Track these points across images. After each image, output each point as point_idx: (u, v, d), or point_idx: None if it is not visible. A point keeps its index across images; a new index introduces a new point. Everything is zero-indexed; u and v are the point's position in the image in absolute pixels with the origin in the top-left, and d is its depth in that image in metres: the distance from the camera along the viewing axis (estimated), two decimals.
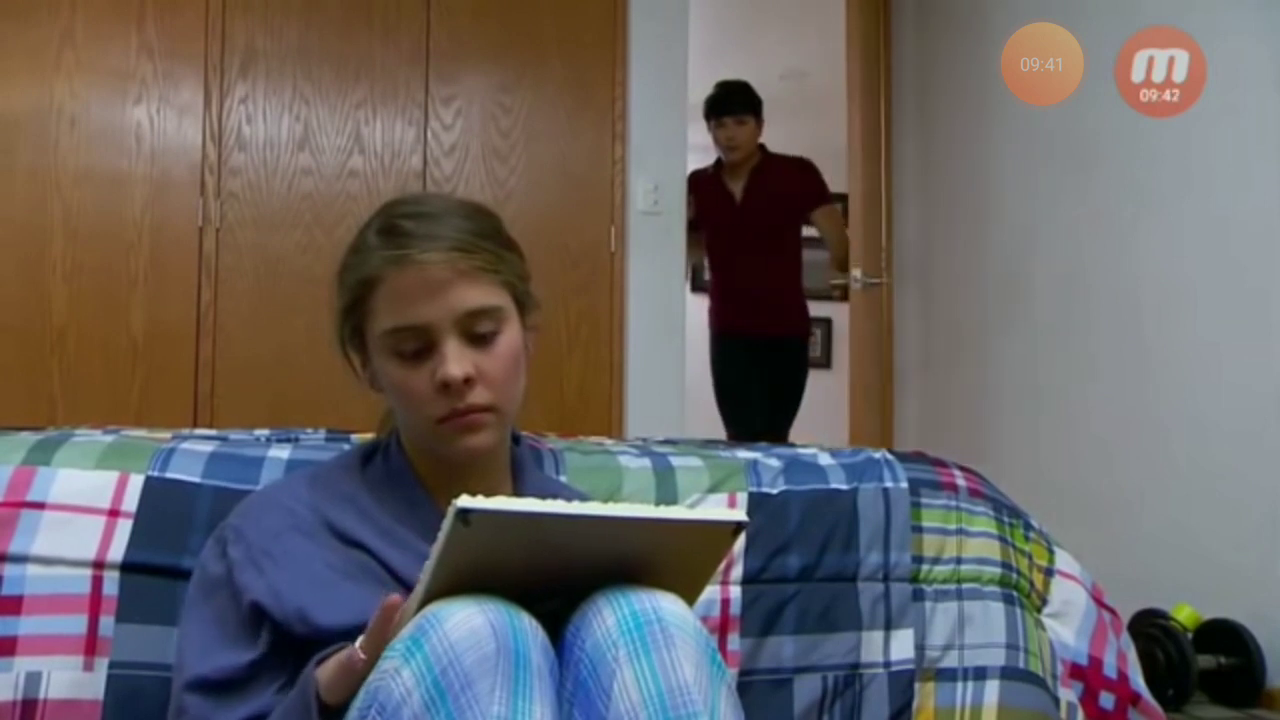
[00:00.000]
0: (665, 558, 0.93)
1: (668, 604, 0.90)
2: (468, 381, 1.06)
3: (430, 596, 0.87)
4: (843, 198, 3.73)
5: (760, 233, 3.56)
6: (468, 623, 0.84)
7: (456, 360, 1.06)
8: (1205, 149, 2.54)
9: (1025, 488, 2.16)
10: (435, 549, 0.86)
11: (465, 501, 0.83)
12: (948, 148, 3.53)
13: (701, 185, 3.64)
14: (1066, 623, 1.54)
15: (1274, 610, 2.34)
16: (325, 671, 0.92)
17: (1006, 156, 3.25)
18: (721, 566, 1.28)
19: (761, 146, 3.63)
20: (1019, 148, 3.19)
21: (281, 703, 0.95)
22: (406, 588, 1.02)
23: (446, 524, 0.84)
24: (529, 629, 0.86)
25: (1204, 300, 2.56)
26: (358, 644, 0.90)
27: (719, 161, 3.67)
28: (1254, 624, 2.36)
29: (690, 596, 0.95)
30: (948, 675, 1.44)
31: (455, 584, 0.87)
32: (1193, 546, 2.53)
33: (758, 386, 3.58)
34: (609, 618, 0.88)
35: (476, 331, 1.08)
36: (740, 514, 0.94)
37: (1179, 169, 2.61)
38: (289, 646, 1.01)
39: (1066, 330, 2.97)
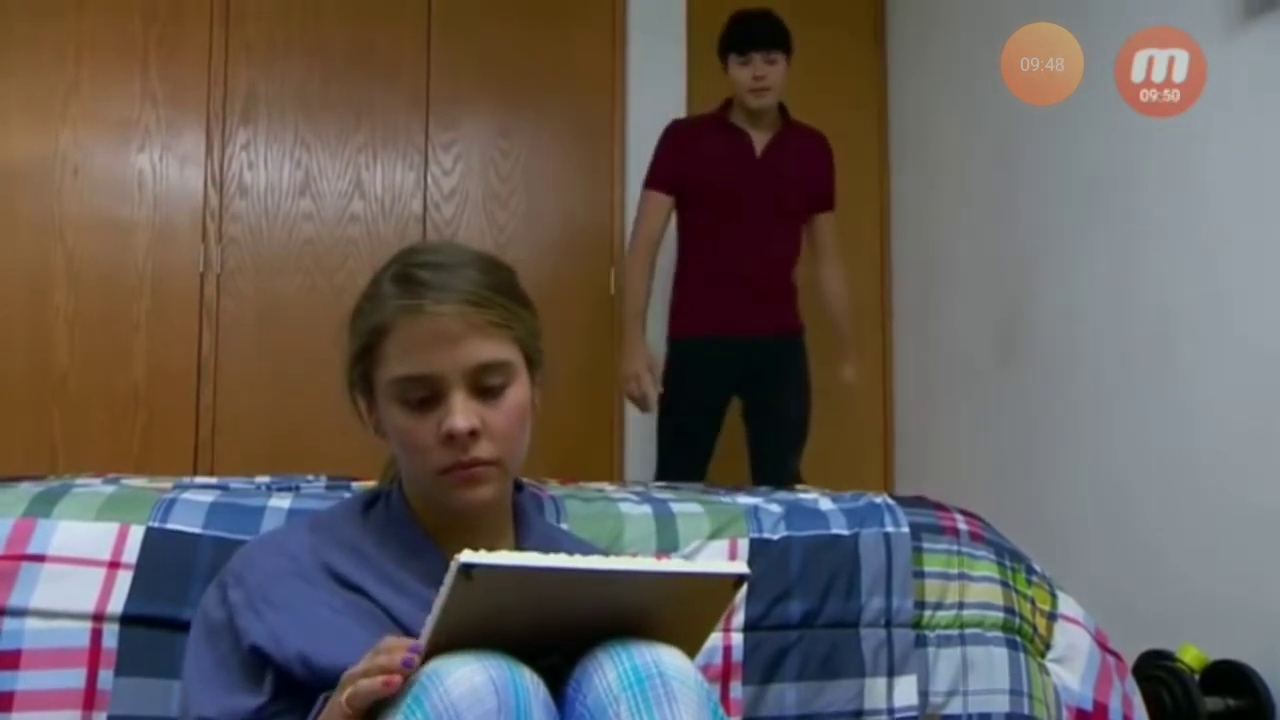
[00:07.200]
0: (667, 610, 0.93)
1: (669, 657, 0.90)
2: (473, 434, 1.06)
3: (432, 651, 0.87)
4: None
5: (778, 202, 2.82)
6: (469, 680, 0.83)
7: (463, 412, 1.06)
8: (1209, 174, 2.54)
9: (1025, 526, 2.15)
10: (437, 604, 0.86)
11: (468, 557, 0.83)
12: (947, 173, 3.54)
13: (698, 134, 2.85)
14: (1071, 667, 1.53)
15: None
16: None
17: (1006, 183, 3.26)
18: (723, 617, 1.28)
19: (780, 104, 2.90)
20: (1019, 174, 3.20)
21: None
22: (408, 632, 1.02)
23: (449, 579, 0.84)
24: (530, 685, 0.86)
25: (1209, 332, 2.55)
26: (344, 698, 0.87)
27: (726, 106, 2.88)
28: (1262, 665, 2.34)
29: (692, 649, 0.95)
30: None
31: (457, 639, 0.87)
32: (1198, 585, 2.52)
33: (760, 401, 2.82)
34: (610, 672, 0.88)
35: (485, 385, 1.08)
36: (741, 566, 0.94)
37: (1183, 194, 2.62)
38: (293, 690, 1.00)
39: (1067, 364, 2.97)
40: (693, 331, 2.80)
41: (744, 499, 1.55)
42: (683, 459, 2.77)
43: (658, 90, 3.41)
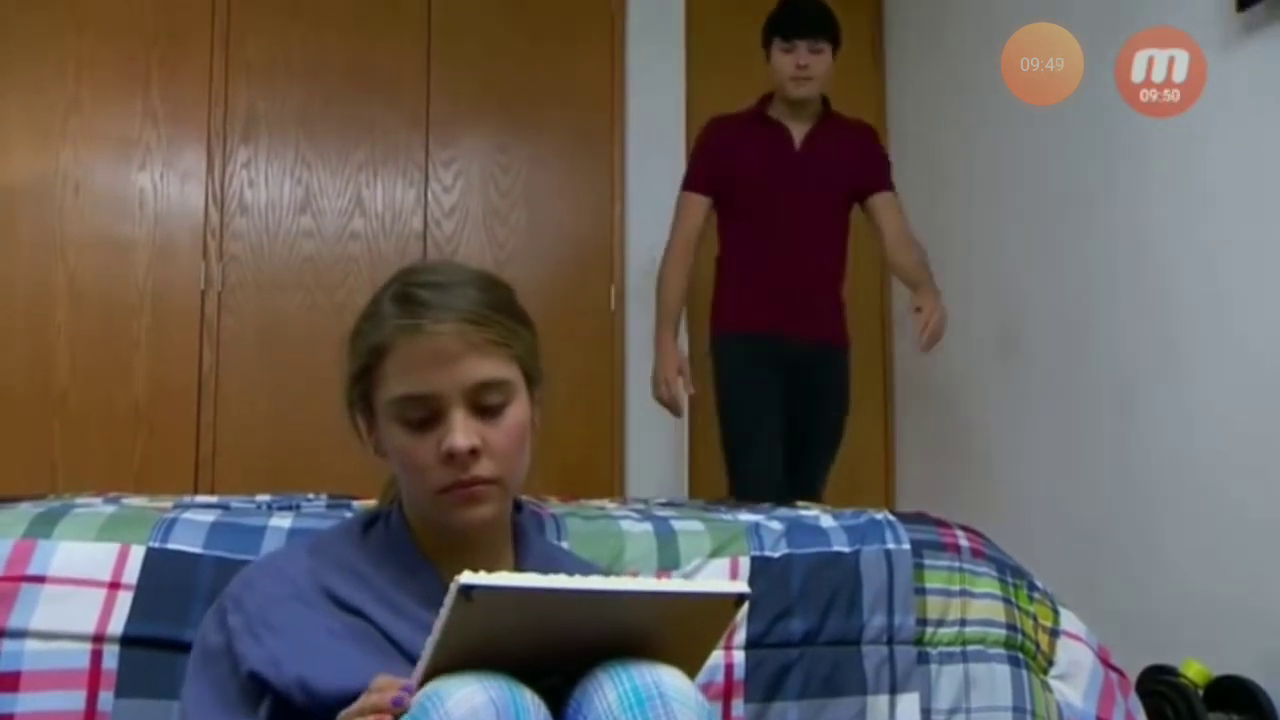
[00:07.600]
0: (667, 630, 0.93)
1: (669, 677, 0.90)
2: (473, 453, 1.06)
3: (432, 672, 0.87)
4: None
5: (818, 200, 2.73)
6: (469, 701, 0.83)
7: (463, 431, 1.06)
8: (1210, 175, 2.54)
9: (1025, 541, 2.14)
10: (437, 625, 0.86)
11: (468, 578, 0.83)
12: (947, 178, 3.54)
13: (734, 131, 2.76)
14: (1073, 684, 1.52)
15: None
16: None
17: (1006, 185, 3.26)
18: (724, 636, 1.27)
19: (824, 97, 2.80)
20: (1019, 175, 3.20)
21: None
22: (406, 655, 1.02)
23: (449, 600, 0.84)
24: (530, 706, 0.86)
25: (1210, 333, 2.55)
26: None
27: (765, 99, 2.79)
28: (1266, 680, 2.33)
29: (692, 668, 0.95)
30: None
31: (457, 660, 0.87)
32: (1200, 600, 2.51)
33: (795, 411, 2.70)
34: (610, 692, 0.88)
35: (484, 403, 1.08)
36: (742, 585, 0.94)
37: (1184, 195, 2.61)
38: (290, 717, 1.00)
39: (1068, 367, 2.97)
40: (737, 325, 2.74)
41: (745, 516, 1.55)
42: (753, 462, 2.66)
43: (657, 104, 3.43)
